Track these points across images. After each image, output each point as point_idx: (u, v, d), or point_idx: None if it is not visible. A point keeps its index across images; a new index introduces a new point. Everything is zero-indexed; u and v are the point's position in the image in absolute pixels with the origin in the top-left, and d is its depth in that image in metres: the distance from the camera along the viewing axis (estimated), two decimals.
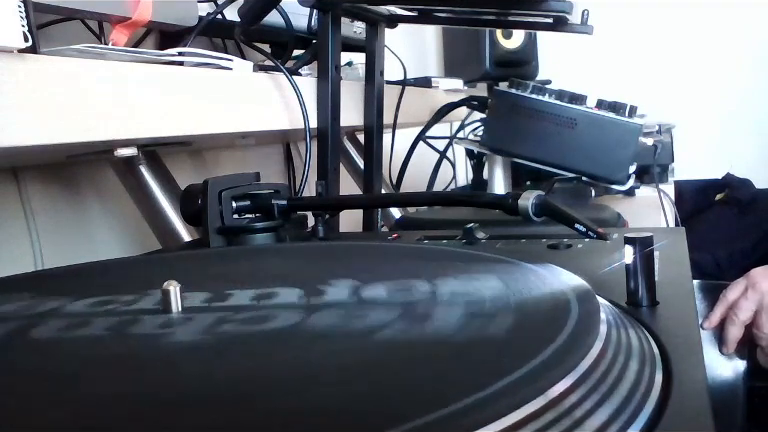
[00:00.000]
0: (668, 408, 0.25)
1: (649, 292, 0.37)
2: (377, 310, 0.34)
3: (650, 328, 0.33)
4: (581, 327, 0.29)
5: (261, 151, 1.22)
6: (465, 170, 1.74)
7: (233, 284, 0.41)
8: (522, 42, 1.84)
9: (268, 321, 0.33)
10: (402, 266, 0.45)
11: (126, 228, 0.90)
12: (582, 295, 0.34)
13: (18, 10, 0.45)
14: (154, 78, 0.60)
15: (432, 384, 0.24)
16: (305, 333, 0.31)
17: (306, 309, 0.35)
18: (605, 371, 0.26)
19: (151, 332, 0.33)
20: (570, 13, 0.78)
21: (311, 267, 0.48)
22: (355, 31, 0.98)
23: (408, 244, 0.59)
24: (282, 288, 0.39)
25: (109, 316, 0.36)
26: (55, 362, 0.30)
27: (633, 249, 0.37)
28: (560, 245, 0.55)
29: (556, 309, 0.32)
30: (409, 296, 0.36)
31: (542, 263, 0.41)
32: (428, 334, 0.30)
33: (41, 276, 0.54)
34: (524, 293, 0.35)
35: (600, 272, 0.44)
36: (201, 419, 0.23)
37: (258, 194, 0.63)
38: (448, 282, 0.38)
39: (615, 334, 0.30)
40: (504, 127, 1.05)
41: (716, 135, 2.08)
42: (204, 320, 0.33)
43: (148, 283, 0.40)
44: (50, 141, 0.50)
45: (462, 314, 0.32)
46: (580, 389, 0.24)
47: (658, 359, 0.30)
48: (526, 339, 0.29)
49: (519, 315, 0.32)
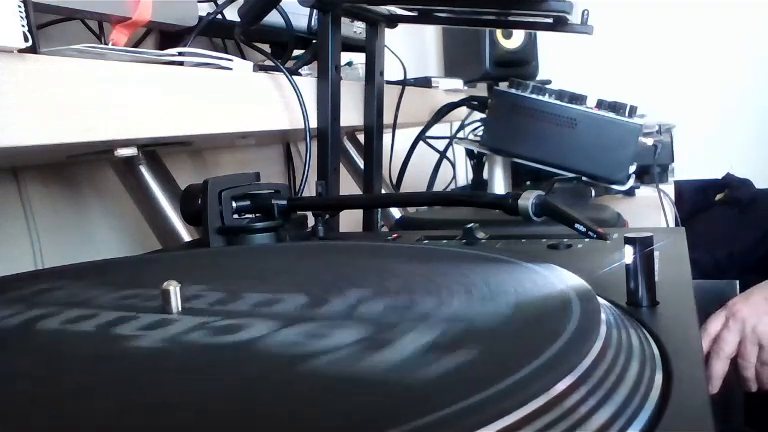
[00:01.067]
0: (668, 408, 0.25)
1: (649, 292, 0.37)
2: (378, 312, 0.34)
3: (650, 328, 0.33)
4: (581, 327, 0.29)
5: (261, 151, 1.22)
6: (465, 170, 1.74)
7: (233, 284, 0.41)
8: (522, 42, 1.84)
9: (269, 321, 0.33)
10: (402, 266, 0.45)
11: (126, 228, 0.90)
12: (582, 295, 0.34)
13: (18, 10, 0.45)
14: (154, 78, 0.60)
15: (429, 386, 0.24)
16: (305, 332, 0.31)
17: (308, 311, 0.35)
18: (605, 371, 0.26)
19: (151, 332, 0.33)
20: (570, 13, 0.78)
21: (313, 267, 0.48)
22: (355, 31, 0.98)
23: (407, 244, 0.59)
24: (285, 288, 0.39)
25: (108, 316, 0.36)
26: (47, 361, 0.30)
27: (633, 249, 0.37)
28: (560, 245, 0.55)
29: (556, 309, 0.32)
30: (409, 296, 0.36)
31: (542, 263, 0.41)
32: (427, 334, 0.30)
33: (40, 275, 0.54)
34: (524, 293, 0.35)
35: (600, 272, 0.44)
36: (188, 420, 0.23)
37: (258, 194, 0.63)
38: (447, 282, 0.38)
39: (615, 334, 0.30)
40: (504, 127, 1.05)
41: (716, 135, 2.08)
42: (204, 320, 0.33)
43: (148, 283, 0.40)
44: (50, 141, 0.50)
45: (462, 314, 0.32)
46: (580, 389, 0.24)
47: (658, 359, 0.30)
48: (526, 339, 0.29)
49: (519, 315, 0.32)
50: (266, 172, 0.74)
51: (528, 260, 0.42)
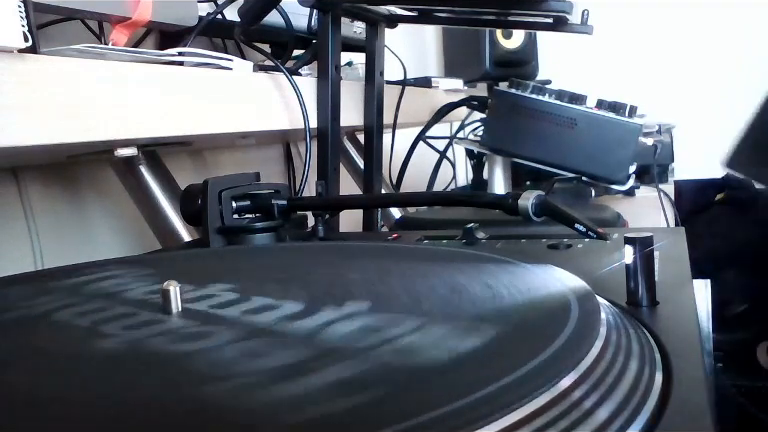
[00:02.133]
0: (668, 408, 0.25)
1: (649, 292, 0.37)
2: (379, 314, 0.34)
3: (650, 328, 0.33)
4: (581, 327, 0.29)
5: (261, 151, 1.22)
6: (465, 170, 1.73)
7: (234, 284, 0.41)
8: (522, 42, 1.84)
9: (270, 322, 0.33)
10: (402, 266, 0.45)
11: (126, 228, 0.90)
12: (582, 295, 0.34)
13: (18, 10, 0.45)
14: (154, 78, 0.60)
15: (428, 384, 0.24)
16: (304, 333, 0.31)
17: (307, 312, 0.35)
18: (605, 371, 0.26)
19: (149, 332, 0.33)
20: (570, 13, 0.79)
21: (315, 267, 0.48)
22: (355, 31, 0.98)
23: (407, 244, 0.59)
24: (286, 288, 0.39)
25: (107, 316, 0.36)
26: (44, 360, 0.30)
27: (633, 249, 0.37)
28: (560, 245, 0.55)
29: (556, 309, 0.32)
30: (408, 296, 0.36)
31: (542, 263, 0.41)
32: (425, 334, 0.30)
33: (39, 275, 0.54)
34: (524, 293, 0.35)
35: (600, 272, 0.44)
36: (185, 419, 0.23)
37: (258, 194, 0.63)
38: (447, 282, 0.38)
39: (615, 334, 0.30)
40: (504, 127, 1.05)
41: (716, 135, 2.07)
42: (203, 320, 0.33)
43: (148, 283, 0.40)
44: (50, 141, 0.50)
45: (461, 314, 0.32)
46: (580, 389, 0.24)
47: (658, 359, 0.30)
48: (526, 339, 0.29)
49: (519, 315, 0.32)
50: (266, 172, 0.74)
51: (527, 261, 0.42)
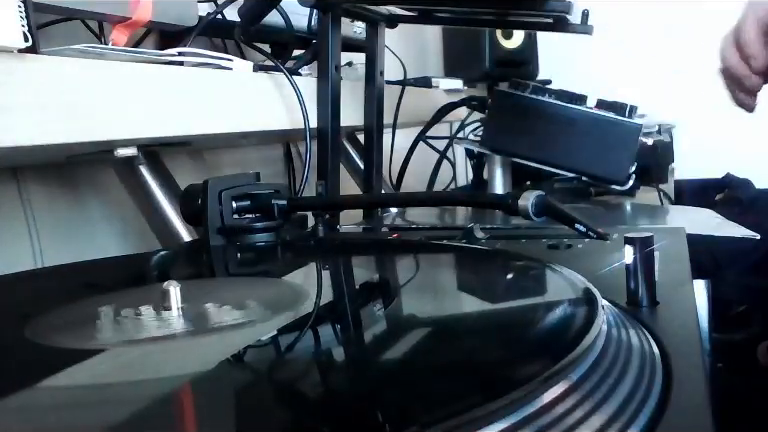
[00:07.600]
0: (668, 408, 0.25)
1: (649, 292, 0.37)
2: (379, 314, 0.34)
3: (650, 328, 0.33)
4: (581, 327, 0.29)
5: (261, 151, 1.22)
6: (465, 170, 1.73)
7: (234, 284, 0.41)
8: (522, 42, 1.84)
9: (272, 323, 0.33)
10: (401, 265, 0.45)
11: (126, 228, 0.90)
12: (582, 295, 0.34)
13: (18, 10, 0.45)
14: (154, 78, 0.60)
15: (428, 386, 0.24)
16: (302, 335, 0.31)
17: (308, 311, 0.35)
18: (605, 371, 0.26)
19: (149, 332, 0.33)
20: (570, 13, 0.78)
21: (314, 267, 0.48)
22: (355, 31, 0.98)
23: (407, 240, 0.59)
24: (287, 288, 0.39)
25: (107, 315, 0.36)
26: (43, 360, 0.30)
27: (633, 249, 0.37)
28: (560, 245, 0.55)
29: (556, 309, 0.32)
30: (408, 296, 0.36)
31: (542, 263, 0.41)
32: (424, 334, 0.30)
33: (39, 275, 0.54)
34: (524, 293, 0.35)
35: (600, 272, 0.44)
36: None
37: (258, 194, 0.63)
38: (445, 282, 0.38)
39: (615, 334, 0.30)
40: (504, 127, 1.05)
41: (716, 135, 2.08)
42: (203, 320, 0.33)
43: (148, 282, 0.40)
44: (50, 141, 0.50)
45: (460, 314, 0.32)
46: (580, 389, 0.24)
47: (658, 359, 0.30)
48: (526, 339, 0.29)
49: (519, 315, 0.32)
50: (266, 172, 0.74)
51: (529, 258, 0.42)
